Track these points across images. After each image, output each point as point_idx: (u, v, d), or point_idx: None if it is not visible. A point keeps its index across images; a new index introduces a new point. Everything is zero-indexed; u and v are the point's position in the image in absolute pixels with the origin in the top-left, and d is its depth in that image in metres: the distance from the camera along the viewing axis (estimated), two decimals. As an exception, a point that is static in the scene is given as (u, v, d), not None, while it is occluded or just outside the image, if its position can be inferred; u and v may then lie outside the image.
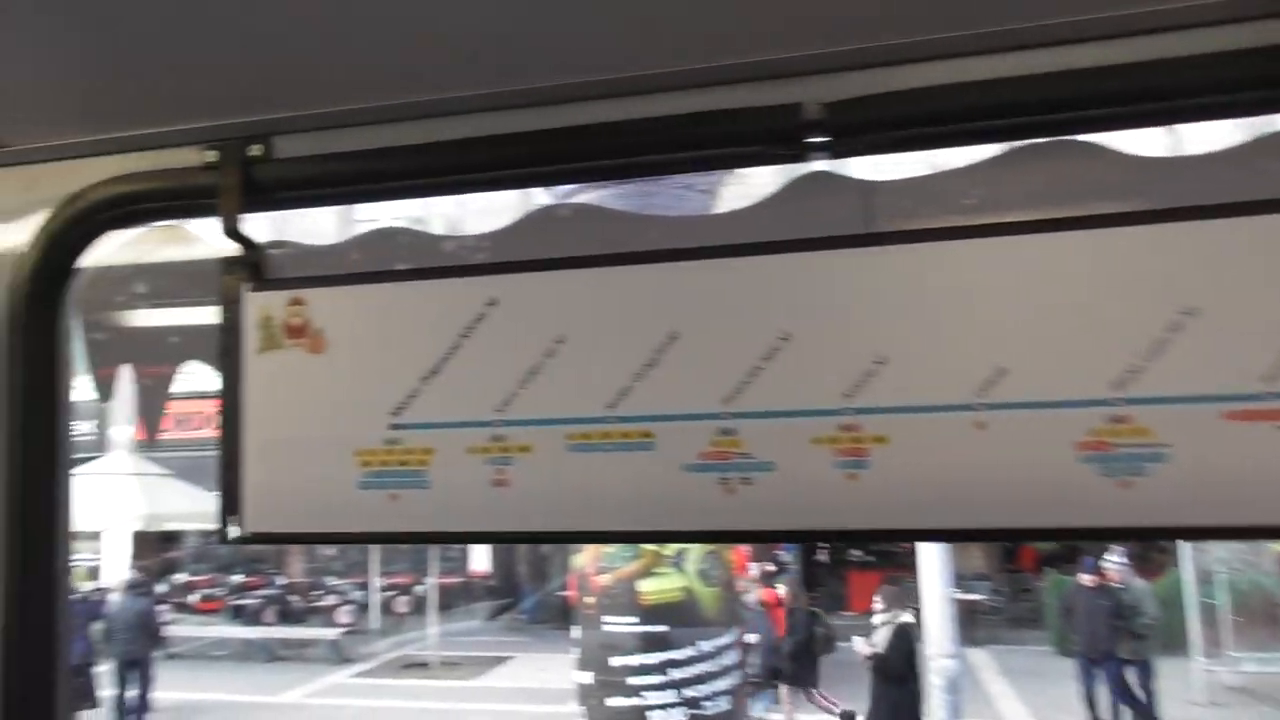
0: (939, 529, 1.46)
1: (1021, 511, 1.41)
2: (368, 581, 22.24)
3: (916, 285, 1.45)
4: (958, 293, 1.44)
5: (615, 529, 1.52)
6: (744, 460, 1.49)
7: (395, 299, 1.64)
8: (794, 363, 1.48)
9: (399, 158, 1.66)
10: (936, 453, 1.43)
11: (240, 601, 21.04)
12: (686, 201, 2.78)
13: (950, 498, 1.43)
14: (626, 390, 1.53)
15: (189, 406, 21.80)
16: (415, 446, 1.60)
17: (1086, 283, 1.41)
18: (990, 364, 1.42)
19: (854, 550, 23.58)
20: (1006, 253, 1.43)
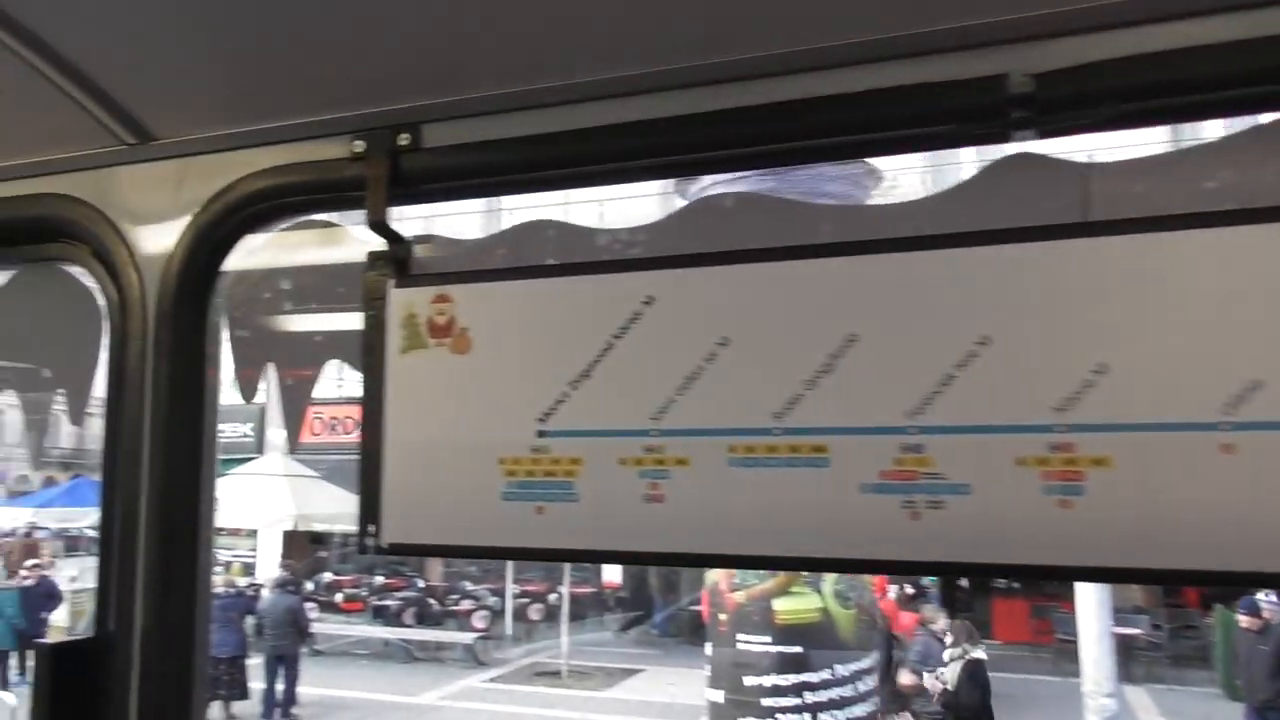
0: (1170, 570, 1.23)
1: (1277, 552, 1.17)
2: (503, 588, 22.62)
3: (1144, 282, 1.23)
4: (1196, 291, 1.21)
5: (781, 554, 1.35)
6: (933, 481, 1.30)
7: (545, 296, 1.52)
8: (995, 370, 1.28)
9: (552, 144, 1.55)
10: (1170, 480, 1.20)
11: (381, 602, 21.74)
12: (866, 189, 2.58)
13: (1186, 533, 1.20)
14: (797, 399, 1.37)
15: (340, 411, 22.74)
16: (563, 456, 1.47)
17: None
18: (1240, 375, 1.19)
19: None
20: (1260, 244, 1.20)
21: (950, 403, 1.30)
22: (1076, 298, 1.26)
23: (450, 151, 1.60)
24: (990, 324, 1.29)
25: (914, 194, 1.47)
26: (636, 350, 1.45)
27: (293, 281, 1.96)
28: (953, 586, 22.20)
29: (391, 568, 24.35)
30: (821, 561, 1.35)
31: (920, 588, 16.87)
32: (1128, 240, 1.26)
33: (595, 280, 1.50)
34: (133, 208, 1.81)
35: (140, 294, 1.77)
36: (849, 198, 6.72)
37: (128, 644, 1.67)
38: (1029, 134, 1.34)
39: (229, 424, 23.65)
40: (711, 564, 1.38)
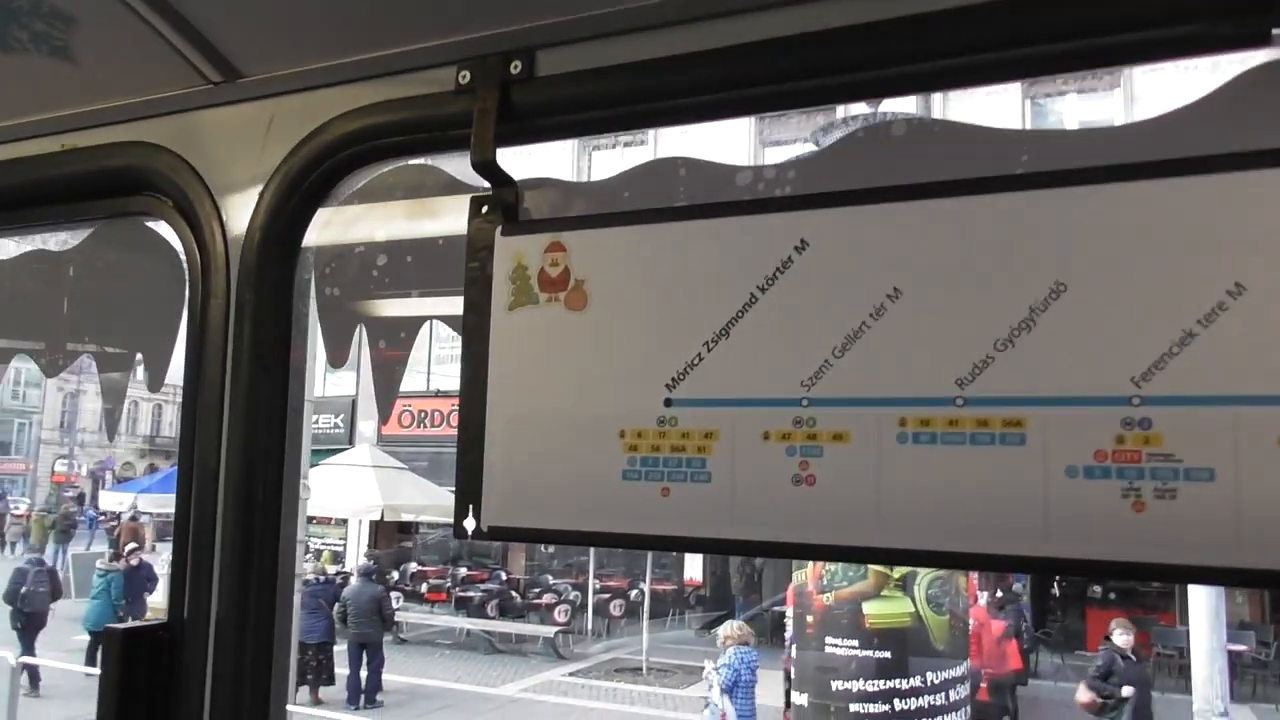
0: None
1: None
2: (585, 582, 22.58)
3: None
4: None
5: (964, 550, 1.10)
6: (1164, 464, 1.04)
7: (674, 244, 1.30)
8: (1249, 325, 1.01)
9: (684, 69, 1.32)
10: None
11: (464, 593, 21.89)
12: (1042, 116, 2.25)
13: None
14: (987, 362, 1.12)
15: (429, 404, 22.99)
16: (695, 429, 1.25)
17: None
18: None
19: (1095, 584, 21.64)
20: None
21: (1190, 366, 1.03)
22: None
23: (568, 80, 1.39)
24: (1244, 268, 1.03)
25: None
26: (786, 304, 1.22)
27: (391, 256, 1.78)
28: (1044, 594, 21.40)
29: (475, 559, 24.56)
30: (1013, 560, 1.10)
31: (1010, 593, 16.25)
32: None
33: (737, 223, 1.27)
34: (218, 154, 1.65)
35: (224, 248, 1.60)
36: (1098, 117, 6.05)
37: (203, 631, 1.51)
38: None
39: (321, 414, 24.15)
40: (868, 559, 1.15)
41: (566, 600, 21.69)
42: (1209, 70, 1.14)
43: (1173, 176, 1.07)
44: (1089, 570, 1.07)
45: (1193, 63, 1.19)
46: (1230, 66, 1.11)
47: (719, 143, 19.47)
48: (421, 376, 22.07)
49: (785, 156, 1.42)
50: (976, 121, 1.22)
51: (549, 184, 1.47)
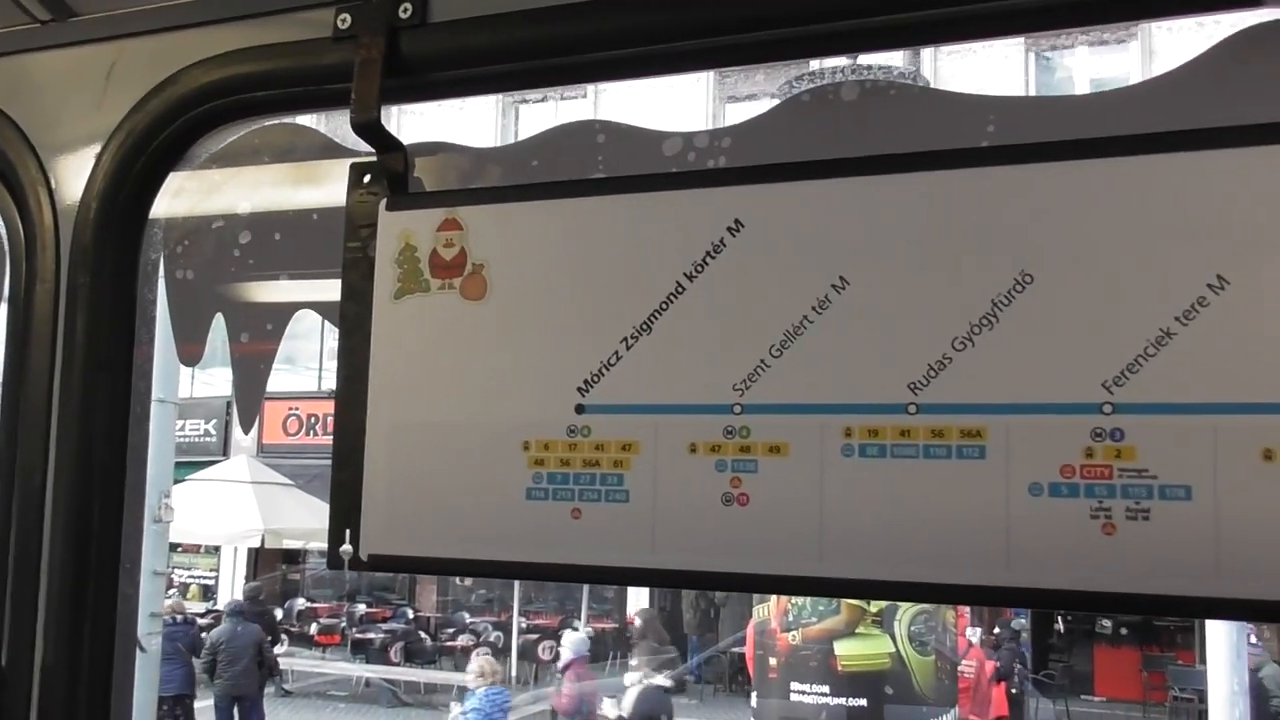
0: None
1: None
2: (508, 621, 22.51)
3: None
4: None
5: (916, 580, 1.15)
6: (1137, 481, 1.09)
7: (589, 223, 1.32)
8: (1235, 323, 1.07)
9: (605, 17, 1.34)
10: None
11: (363, 635, 21.69)
12: (1048, 73, 2.28)
13: None
14: (944, 363, 1.16)
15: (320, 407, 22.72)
16: (611, 440, 1.28)
17: None
18: None
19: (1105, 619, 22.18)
20: None
21: (1167, 370, 1.09)
22: None
23: (467, 27, 1.41)
24: (1227, 257, 1.08)
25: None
26: (717, 294, 1.25)
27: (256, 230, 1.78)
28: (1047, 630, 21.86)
29: (376, 594, 24.32)
30: (971, 591, 1.15)
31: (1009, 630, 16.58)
32: None
33: (662, 199, 1.30)
34: (45, 108, 1.64)
35: (53, 222, 1.59)
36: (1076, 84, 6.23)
37: (25, 684, 1.50)
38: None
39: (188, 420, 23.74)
40: (813, 590, 1.19)
41: (487, 642, 21.59)
42: (1229, 27, 1.18)
43: (1151, 153, 1.12)
44: (1053, 602, 1.12)
45: (1211, 18, 1.25)
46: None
47: (671, 98, 19.53)
48: (312, 375, 21.83)
49: (747, 115, 1.45)
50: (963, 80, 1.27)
51: (444, 149, 1.49)
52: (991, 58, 19.10)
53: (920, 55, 15.47)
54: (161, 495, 8.33)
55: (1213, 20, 1.39)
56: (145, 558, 7.66)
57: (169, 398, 8.55)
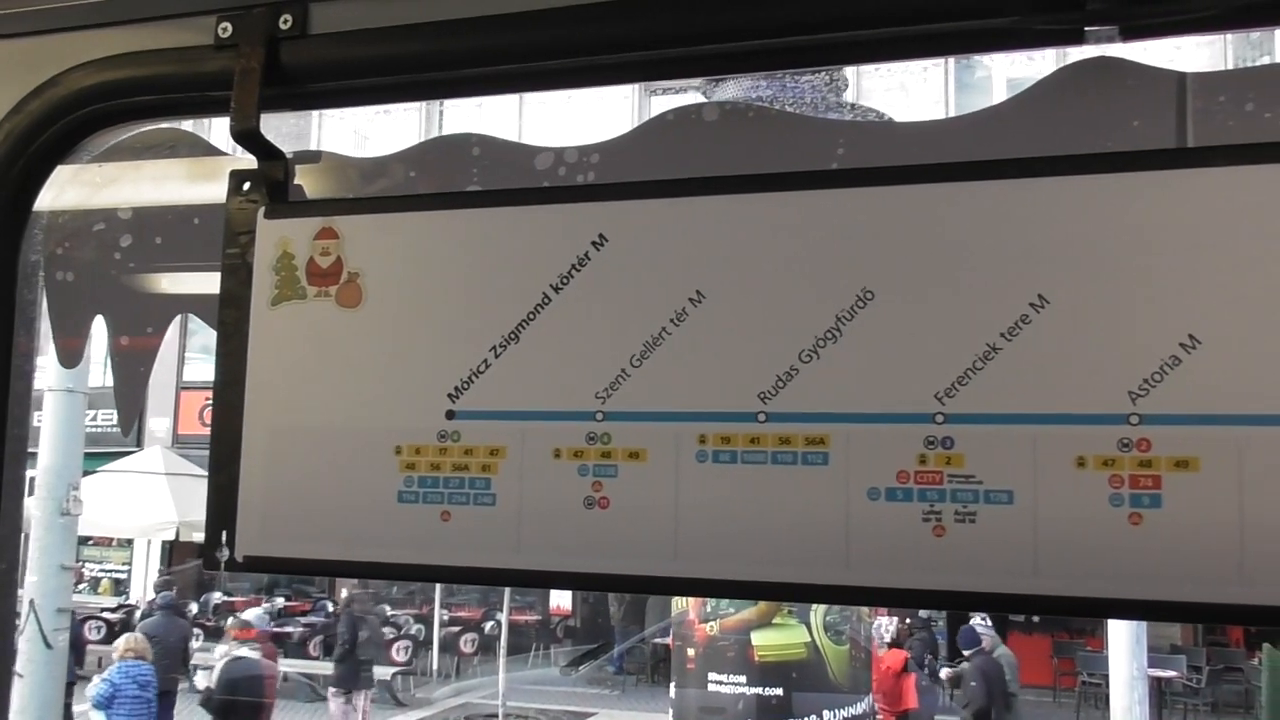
0: (1267, 606, 1.11)
1: None
2: (430, 614, 22.40)
3: (1255, 229, 1.11)
4: None
5: (760, 579, 1.22)
6: (964, 486, 1.17)
7: (462, 234, 1.37)
8: (1053, 340, 1.16)
9: (482, 33, 1.39)
10: (1271, 489, 1.08)
11: (281, 629, 21.42)
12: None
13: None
14: (791, 374, 1.23)
15: (234, 399, 22.27)
16: (480, 445, 1.33)
17: None
18: None
19: (1017, 608, 22.70)
20: None
21: (992, 382, 1.17)
22: (1163, 248, 1.14)
23: (348, 40, 1.44)
24: (1049, 278, 1.17)
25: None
26: (582, 306, 1.31)
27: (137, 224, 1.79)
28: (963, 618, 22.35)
29: (296, 588, 24.03)
30: (814, 589, 1.23)
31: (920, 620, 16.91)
32: (1231, 173, 1.13)
33: (531, 213, 1.35)
34: None
35: None
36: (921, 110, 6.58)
37: None
38: (1109, 31, 1.21)
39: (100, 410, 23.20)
40: (669, 589, 1.25)
41: (408, 635, 21.47)
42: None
43: (983, 179, 1.20)
44: (889, 599, 1.20)
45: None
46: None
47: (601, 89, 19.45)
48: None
49: (671, 105, 1.50)
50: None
51: (325, 159, 1.52)
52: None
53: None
54: (70, 487, 8.16)
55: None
56: (51, 552, 7.47)
57: (78, 388, 8.38)
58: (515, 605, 22.19)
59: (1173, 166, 1.15)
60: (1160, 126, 1.22)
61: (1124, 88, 1.24)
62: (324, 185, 1.51)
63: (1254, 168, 1.12)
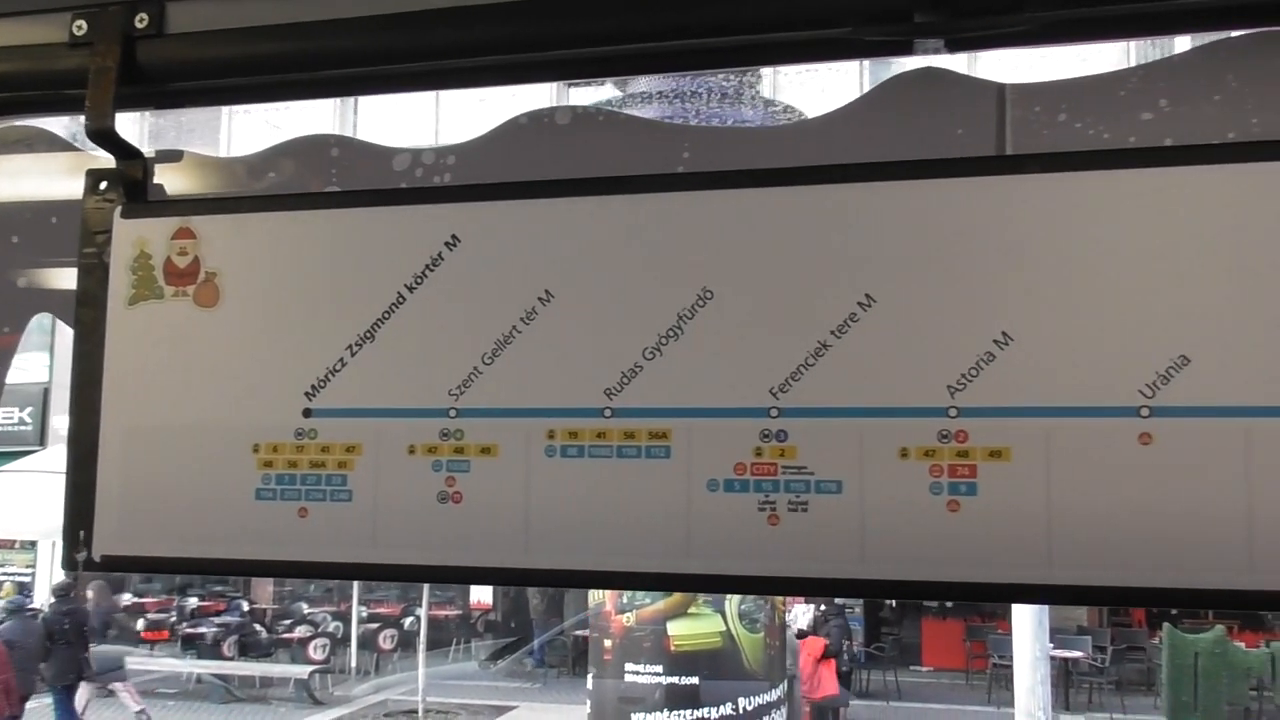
0: (1072, 586, 1.18)
1: (1193, 566, 1.13)
2: (348, 611, 22.15)
3: (1064, 232, 1.18)
4: (1126, 245, 1.17)
5: (608, 569, 1.27)
6: (797, 477, 1.23)
7: (318, 234, 1.39)
8: (879, 338, 1.22)
9: (341, 35, 1.41)
10: (1079, 475, 1.16)
11: (194, 630, 21.00)
12: (737, 108, 2.47)
13: (1097, 542, 1.16)
14: (635, 370, 1.28)
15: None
16: (336, 442, 1.35)
17: None
18: (1167, 349, 1.15)
19: (930, 594, 23.10)
20: (1198, 188, 1.16)
21: (823, 378, 1.23)
22: (981, 252, 1.21)
23: (205, 40, 1.45)
24: (876, 278, 1.23)
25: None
26: (434, 305, 1.34)
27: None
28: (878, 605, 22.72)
29: (209, 587, 23.57)
30: (657, 578, 1.27)
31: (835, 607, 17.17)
32: (1045, 180, 1.21)
33: (386, 214, 1.38)
34: None
35: None
36: (760, 117, 6.71)
37: None
38: (936, 44, 1.28)
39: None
40: (521, 580, 1.29)
41: (325, 633, 21.21)
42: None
43: (815, 184, 1.26)
44: (727, 586, 1.26)
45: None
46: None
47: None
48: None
49: (590, 98, 1.53)
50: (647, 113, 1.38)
51: (184, 158, 1.53)
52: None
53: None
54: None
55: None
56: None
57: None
58: (435, 600, 22.05)
59: (990, 173, 1.22)
60: (982, 135, 1.29)
61: (949, 97, 1.31)
62: (185, 184, 1.52)
63: (1064, 174, 1.19)
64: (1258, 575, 1.11)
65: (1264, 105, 1.23)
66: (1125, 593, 1.16)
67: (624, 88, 10.01)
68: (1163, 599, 1.15)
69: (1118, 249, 1.17)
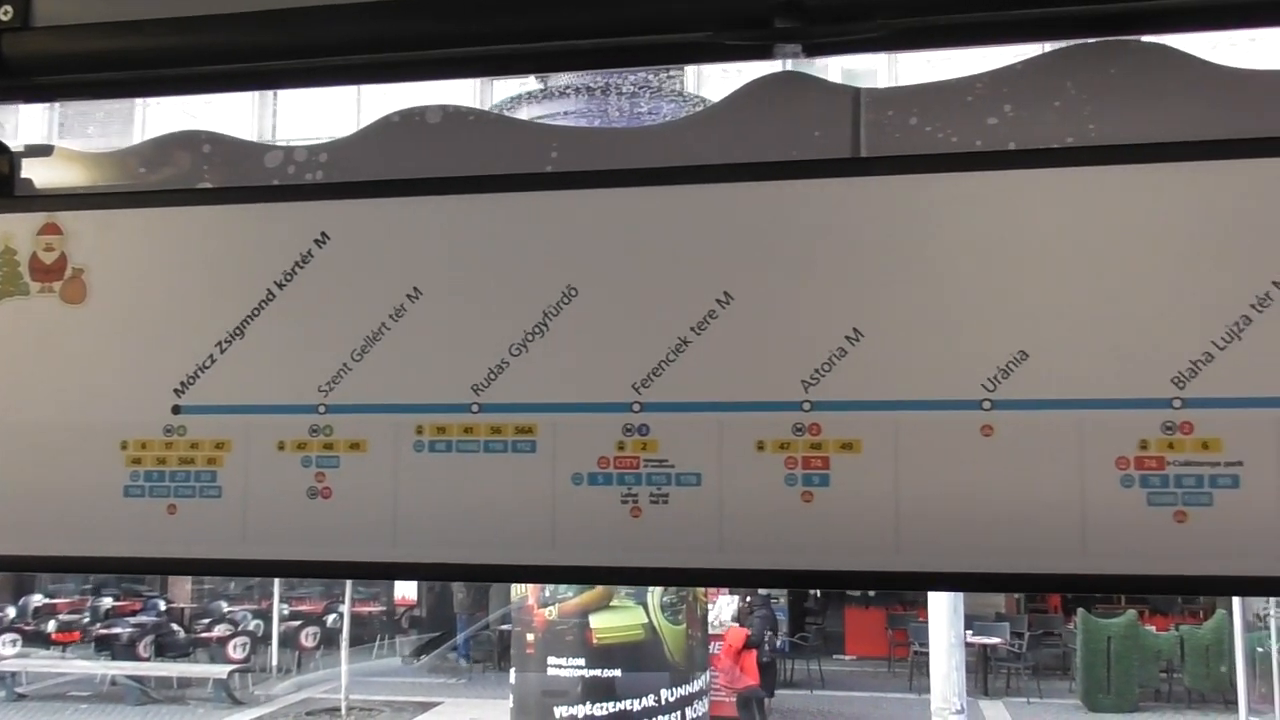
0: (918, 572, 1.24)
1: (1031, 551, 1.19)
2: (269, 608, 21.81)
3: (913, 233, 1.23)
4: (971, 245, 1.22)
5: (472, 562, 1.29)
6: (659, 470, 1.27)
7: (188, 231, 1.39)
8: (736, 334, 1.26)
9: (215, 30, 1.40)
10: (925, 467, 1.21)
11: (109, 631, 20.50)
12: (603, 109, 2.49)
13: (941, 530, 1.21)
14: (502, 367, 1.30)
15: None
16: (206, 439, 1.36)
17: (1154, 235, 1.19)
18: (1007, 345, 1.20)
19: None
20: (1042, 190, 1.21)
21: (683, 373, 1.27)
22: (835, 251, 1.25)
23: (73, 33, 1.44)
24: (733, 277, 1.27)
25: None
26: (304, 302, 1.35)
27: None
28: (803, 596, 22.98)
29: (126, 587, 23.05)
30: (523, 570, 1.30)
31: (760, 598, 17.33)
32: (896, 181, 1.25)
33: (256, 211, 1.39)
34: None
35: None
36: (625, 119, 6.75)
37: None
38: (794, 49, 1.32)
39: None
40: (389, 575, 1.31)
41: (245, 631, 20.84)
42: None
43: (675, 184, 1.29)
44: (591, 577, 1.29)
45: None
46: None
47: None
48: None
49: (514, 89, 1.54)
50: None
51: (54, 153, 1.51)
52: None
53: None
54: None
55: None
56: None
57: None
58: (359, 597, 21.81)
59: (844, 175, 1.27)
60: (838, 137, 1.33)
61: (807, 101, 1.35)
62: (55, 179, 1.51)
63: (914, 176, 1.24)
64: (1090, 559, 1.17)
65: (1101, 111, 1.29)
66: (968, 578, 1.22)
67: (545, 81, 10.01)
68: (1004, 584, 1.21)
69: (963, 249, 1.22)
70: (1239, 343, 1.18)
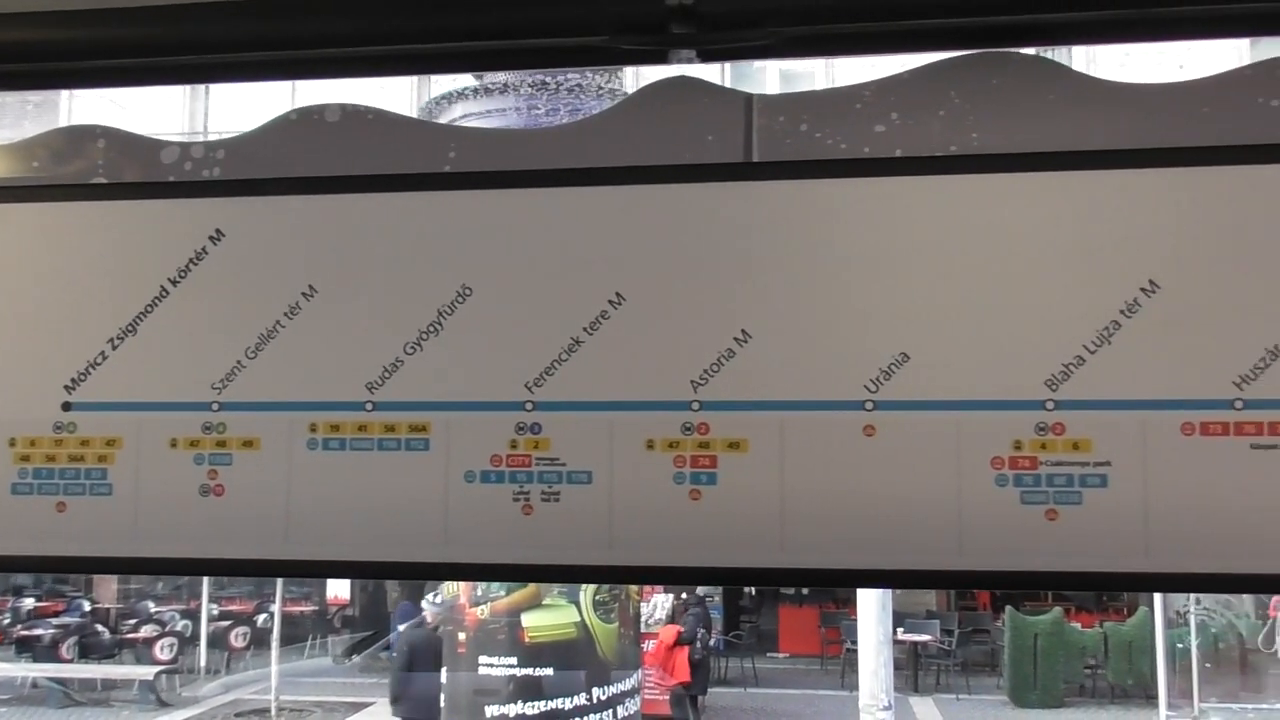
0: (802, 569, 1.27)
1: (910, 548, 1.23)
2: (198, 608, 21.46)
3: (801, 236, 1.26)
4: (856, 249, 1.25)
5: (364, 559, 1.30)
6: (550, 468, 1.29)
7: (80, 226, 1.38)
8: (628, 335, 1.28)
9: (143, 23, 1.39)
10: (809, 466, 1.24)
11: (30, 632, 20.04)
12: (500, 111, 2.51)
13: (824, 528, 1.24)
14: (396, 365, 1.31)
15: None
16: (96, 435, 1.35)
17: (1030, 241, 1.23)
18: (889, 347, 1.24)
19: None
20: (926, 196, 1.25)
21: (575, 373, 1.28)
22: (724, 253, 1.28)
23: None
24: (625, 278, 1.29)
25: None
26: (198, 299, 1.35)
27: None
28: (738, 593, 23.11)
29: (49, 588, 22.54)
30: (416, 567, 1.31)
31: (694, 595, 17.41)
32: (786, 186, 1.28)
33: (150, 207, 1.38)
34: None
35: None
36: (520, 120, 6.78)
37: None
38: (689, 54, 1.34)
39: None
40: (280, 571, 1.31)
41: (173, 631, 20.49)
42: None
43: (570, 185, 1.31)
44: (482, 575, 1.31)
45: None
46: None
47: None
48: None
49: (449, 86, 1.53)
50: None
51: None
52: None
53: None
54: None
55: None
56: None
57: None
58: (290, 596, 21.54)
59: (735, 178, 1.29)
60: (731, 142, 1.36)
61: (701, 105, 1.38)
62: (-54, 173, 1.48)
63: (802, 182, 1.27)
64: (966, 557, 1.21)
65: (983, 120, 1.33)
66: (849, 574, 1.25)
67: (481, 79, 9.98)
68: (882, 580, 1.25)
69: (848, 253, 1.26)
70: (1109, 347, 1.22)
